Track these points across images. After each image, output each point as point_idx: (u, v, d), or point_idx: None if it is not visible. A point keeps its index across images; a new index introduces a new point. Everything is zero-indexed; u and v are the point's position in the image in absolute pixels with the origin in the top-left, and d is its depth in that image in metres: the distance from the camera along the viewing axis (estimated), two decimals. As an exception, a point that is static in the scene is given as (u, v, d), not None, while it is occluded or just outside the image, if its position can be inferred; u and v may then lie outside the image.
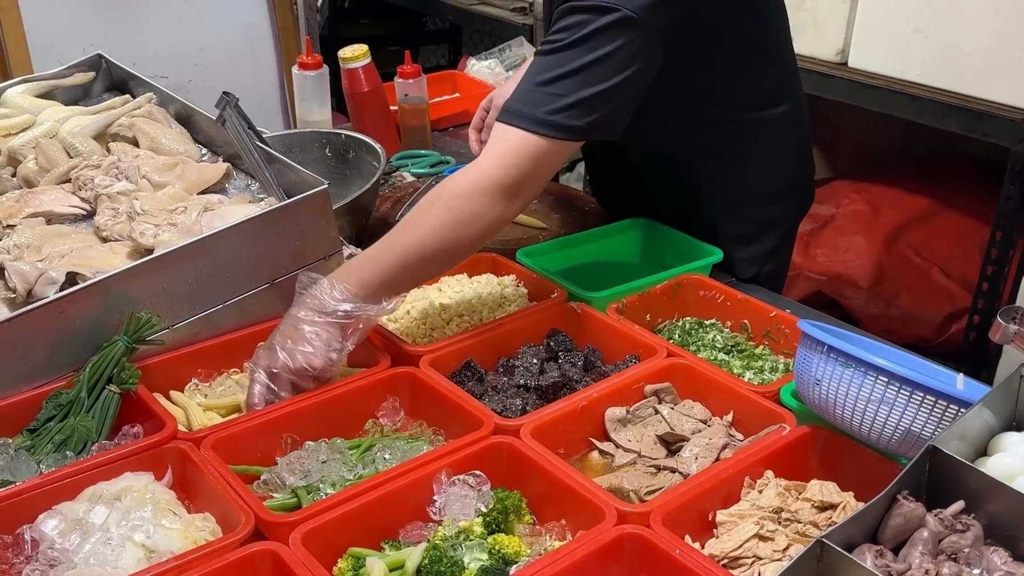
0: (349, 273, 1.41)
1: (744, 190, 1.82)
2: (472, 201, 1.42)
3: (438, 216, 1.43)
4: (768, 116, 1.76)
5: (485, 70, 2.76)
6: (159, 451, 1.24)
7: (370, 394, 1.41)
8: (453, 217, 1.42)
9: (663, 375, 1.42)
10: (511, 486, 1.23)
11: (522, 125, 1.44)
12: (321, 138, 2.06)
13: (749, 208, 1.83)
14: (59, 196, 1.62)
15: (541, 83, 1.45)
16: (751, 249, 1.83)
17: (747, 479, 1.22)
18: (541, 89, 1.45)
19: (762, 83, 1.73)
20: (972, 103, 2.52)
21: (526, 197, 1.48)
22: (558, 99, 1.43)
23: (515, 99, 1.47)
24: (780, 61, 1.78)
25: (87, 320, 1.35)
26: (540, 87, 1.45)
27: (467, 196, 1.43)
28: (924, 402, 1.13)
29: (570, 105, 1.43)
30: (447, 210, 1.43)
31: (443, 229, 1.42)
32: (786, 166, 1.86)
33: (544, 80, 1.45)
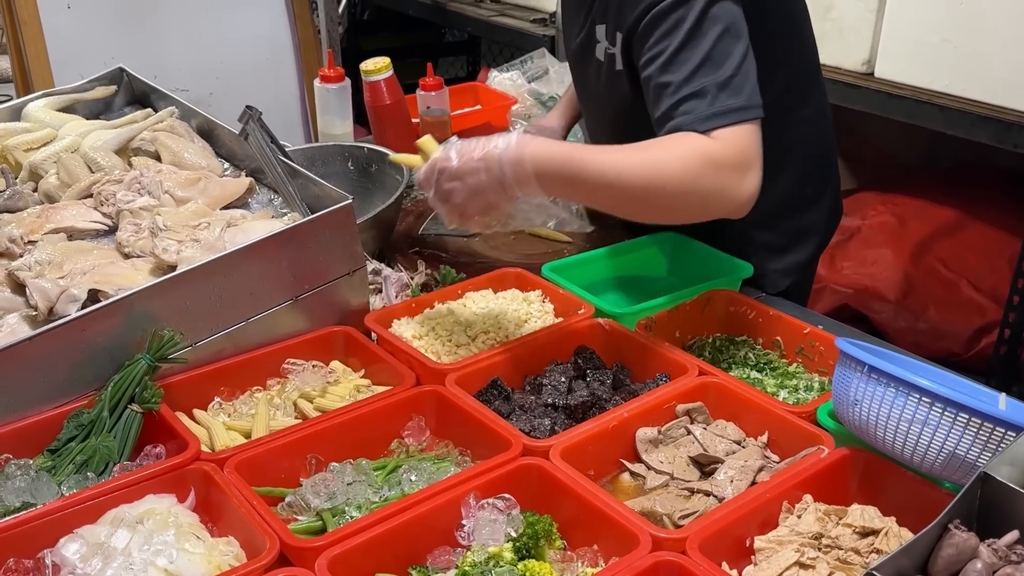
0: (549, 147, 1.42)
1: (776, 198, 1.77)
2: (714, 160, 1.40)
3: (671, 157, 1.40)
4: (790, 118, 1.73)
5: (507, 82, 2.73)
6: (182, 472, 1.22)
7: (395, 413, 1.38)
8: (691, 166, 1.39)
9: (695, 394, 1.39)
10: (541, 509, 1.20)
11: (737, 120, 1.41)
12: (343, 152, 2.04)
13: (784, 217, 1.80)
14: (81, 211, 1.61)
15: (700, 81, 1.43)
16: (784, 260, 1.81)
17: (785, 503, 1.18)
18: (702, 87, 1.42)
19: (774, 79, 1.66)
20: (1003, 114, 2.48)
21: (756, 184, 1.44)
22: (705, 96, 1.42)
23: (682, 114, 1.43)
24: (792, 60, 1.75)
25: (109, 338, 1.33)
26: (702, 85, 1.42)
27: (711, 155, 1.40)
28: (969, 424, 1.09)
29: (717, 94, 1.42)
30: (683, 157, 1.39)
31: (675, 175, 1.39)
32: (813, 172, 1.84)
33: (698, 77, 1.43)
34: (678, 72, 1.44)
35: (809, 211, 1.85)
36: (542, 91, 2.74)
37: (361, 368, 1.52)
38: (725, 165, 1.40)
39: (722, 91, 1.42)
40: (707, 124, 1.41)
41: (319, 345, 1.53)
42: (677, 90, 1.44)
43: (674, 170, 1.39)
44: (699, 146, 1.40)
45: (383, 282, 1.72)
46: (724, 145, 1.40)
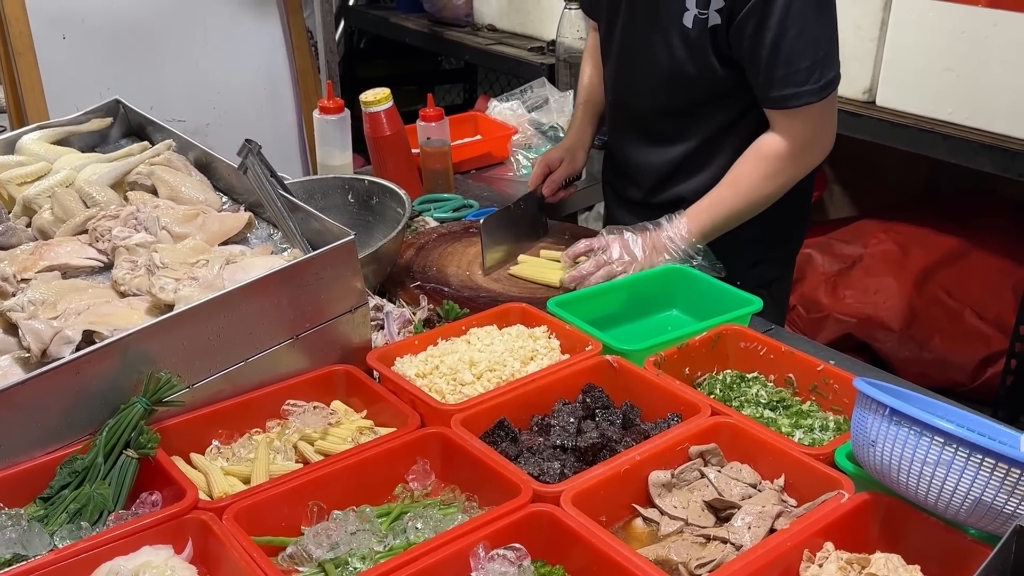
0: (696, 216, 1.86)
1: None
2: (784, 162, 1.83)
3: (756, 176, 1.85)
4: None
5: (507, 111, 2.71)
6: (179, 522, 1.18)
7: (399, 456, 1.34)
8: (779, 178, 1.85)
9: (708, 435, 1.35)
10: (552, 559, 1.16)
11: (805, 102, 1.77)
12: (344, 184, 2.00)
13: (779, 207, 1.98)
14: (75, 248, 1.57)
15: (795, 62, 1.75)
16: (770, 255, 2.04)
17: (806, 552, 1.14)
18: (798, 67, 1.75)
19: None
20: (1005, 142, 2.46)
21: (827, 147, 1.89)
22: (814, 68, 1.75)
23: (782, 86, 1.77)
24: None
25: (104, 381, 1.29)
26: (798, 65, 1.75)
27: (781, 158, 1.83)
28: (995, 468, 1.06)
29: (825, 65, 1.77)
30: (764, 172, 1.84)
31: (767, 188, 1.86)
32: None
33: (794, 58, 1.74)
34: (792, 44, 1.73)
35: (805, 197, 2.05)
36: (542, 120, 2.73)
37: (363, 408, 1.48)
38: (797, 154, 1.84)
39: (824, 62, 1.77)
40: (815, 97, 1.77)
41: (320, 385, 1.49)
42: (792, 61, 1.74)
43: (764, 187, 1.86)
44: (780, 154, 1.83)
45: (385, 318, 1.68)
46: (803, 142, 1.83)
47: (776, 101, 1.79)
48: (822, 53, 1.76)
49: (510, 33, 3.73)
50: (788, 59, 1.74)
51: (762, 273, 2.01)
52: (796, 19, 1.72)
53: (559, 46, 3.01)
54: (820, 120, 1.83)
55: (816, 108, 1.78)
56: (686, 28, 1.82)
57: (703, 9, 1.79)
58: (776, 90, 1.78)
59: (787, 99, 1.78)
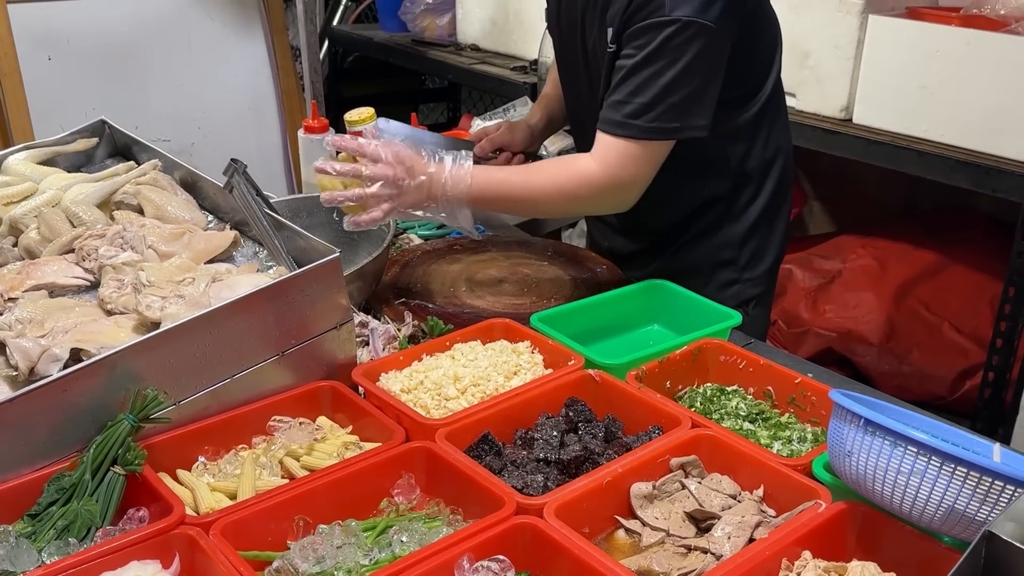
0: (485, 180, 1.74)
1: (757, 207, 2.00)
2: (584, 187, 1.75)
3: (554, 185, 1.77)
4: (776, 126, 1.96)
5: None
6: (167, 538, 1.18)
7: (384, 471, 1.35)
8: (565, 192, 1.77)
9: (689, 447, 1.37)
10: (536, 570, 1.18)
11: (625, 134, 1.71)
12: (328, 202, 2.02)
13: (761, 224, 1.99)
14: (62, 267, 1.58)
15: (635, 96, 1.70)
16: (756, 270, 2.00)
17: (784, 561, 1.16)
18: (636, 102, 1.70)
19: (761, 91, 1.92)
20: (981, 159, 2.51)
21: (636, 193, 1.79)
22: (653, 108, 1.69)
23: (614, 112, 1.72)
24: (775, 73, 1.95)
25: (91, 398, 1.30)
26: (635, 100, 1.70)
27: (584, 186, 1.75)
28: (967, 477, 1.08)
29: (664, 112, 1.69)
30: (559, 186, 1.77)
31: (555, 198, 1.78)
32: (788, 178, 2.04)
33: (637, 93, 1.69)
34: (628, 78, 1.70)
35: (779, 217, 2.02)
36: (525, 139, 2.75)
37: (349, 424, 1.49)
38: (602, 188, 1.75)
39: (668, 110, 1.69)
40: (615, 130, 1.72)
41: (305, 401, 1.50)
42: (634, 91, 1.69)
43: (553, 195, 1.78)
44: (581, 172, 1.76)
45: (370, 335, 1.70)
46: (605, 169, 1.73)
47: (604, 121, 1.73)
48: (672, 101, 1.68)
49: (493, 53, 3.77)
50: (636, 89, 1.69)
51: (738, 293, 2.01)
52: (665, 59, 1.66)
53: (541, 65, 3.05)
54: (635, 162, 1.73)
55: (634, 147, 1.71)
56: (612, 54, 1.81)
57: (611, 44, 1.78)
58: (609, 112, 1.72)
59: (613, 124, 1.71)
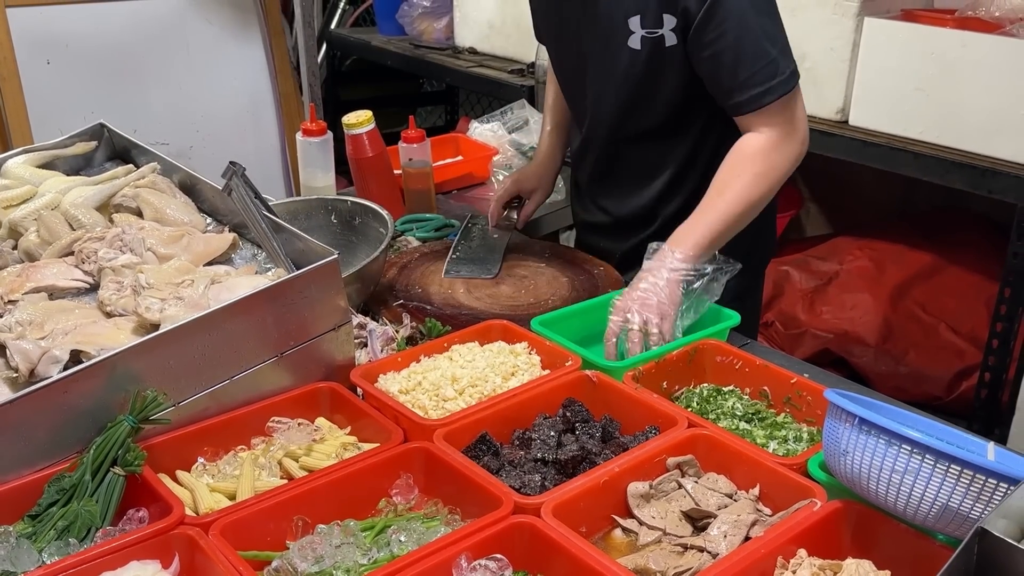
0: (684, 238, 1.75)
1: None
2: (770, 157, 1.79)
3: (745, 176, 1.78)
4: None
5: (488, 133, 2.75)
6: (166, 538, 1.19)
7: (383, 471, 1.36)
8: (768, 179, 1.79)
9: (685, 447, 1.38)
10: (533, 569, 1.18)
11: (774, 98, 1.77)
12: (327, 205, 2.03)
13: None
14: (61, 270, 1.59)
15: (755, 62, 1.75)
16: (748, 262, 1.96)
17: (780, 559, 1.17)
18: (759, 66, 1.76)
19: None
20: (977, 160, 2.52)
21: (805, 137, 1.84)
22: (775, 62, 1.76)
23: (749, 87, 1.77)
24: None
25: (91, 400, 1.31)
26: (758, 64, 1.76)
27: (765, 153, 1.79)
28: (961, 476, 1.09)
29: (782, 59, 1.77)
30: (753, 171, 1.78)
31: (761, 189, 1.79)
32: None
33: (756, 58, 1.75)
34: (756, 39, 1.75)
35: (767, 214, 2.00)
36: (522, 141, 2.77)
37: (347, 425, 1.50)
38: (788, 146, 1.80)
39: (785, 57, 1.78)
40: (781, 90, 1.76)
41: (304, 402, 1.51)
42: (757, 59, 1.75)
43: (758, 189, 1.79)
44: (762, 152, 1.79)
45: (368, 336, 1.71)
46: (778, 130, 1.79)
47: (749, 103, 1.78)
48: (779, 47, 1.78)
49: (491, 56, 3.78)
50: (754, 57, 1.75)
51: (731, 287, 2.00)
52: (750, 18, 1.74)
53: (538, 68, 3.06)
54: (794, 110, 1.81)
55: (787, 99, 1.79)
56: (634, 51, 1.84)
57: (653, 29, 1.80)
58: (747, 91, 1.77)
59: (760, 97, 1.77)
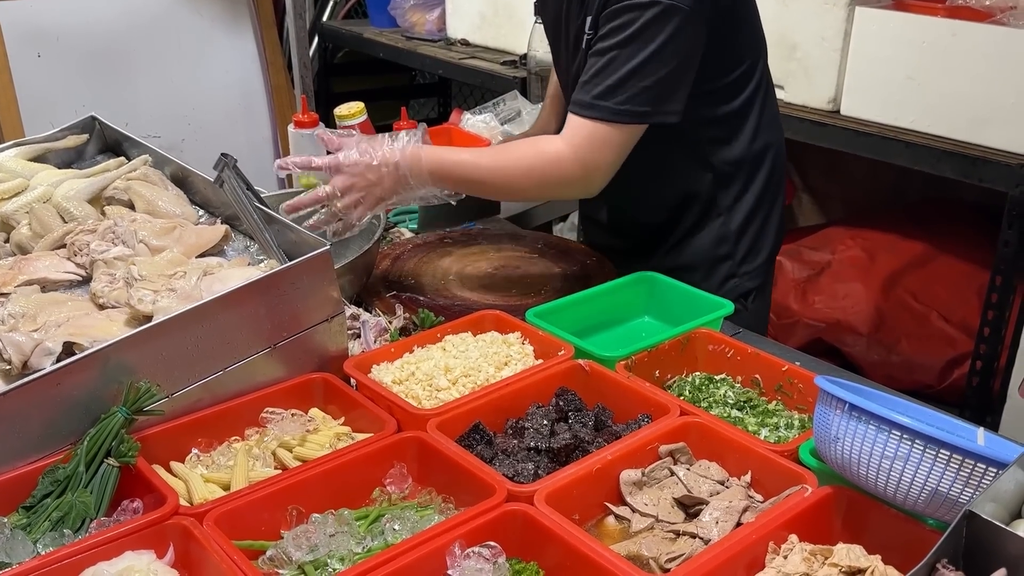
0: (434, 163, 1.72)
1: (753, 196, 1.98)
2: (553, 168, 1.72)
3: (524, 166, 1.73)
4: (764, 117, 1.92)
5: (480, 124, 2.74)
6: (161, 528, 1.20)
7: (376, 461, 1.36)
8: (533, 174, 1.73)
9: (677, 435, 1.39)
10: (527, 556, 1.19)
11: (595, 116, 1.68)
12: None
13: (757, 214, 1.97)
14: (54, 262, 1.59)
15: (607, 77, 1.67)
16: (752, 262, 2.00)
17: (771, 544, 1.18)
18: (607, 83, 1.67)
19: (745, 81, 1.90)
20: (967, 149, 2.53)
21: (603, 177, 1.74)
22: (624, 90, 1.65)
23: (585, 93, 1.69)
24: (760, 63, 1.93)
25: (85, 391, 1.31)
26: (607, 81, 1.67)
27: (552, 167, 1.72)
28: (950, 461, 1.10)
29: (635, 95, 1.66)
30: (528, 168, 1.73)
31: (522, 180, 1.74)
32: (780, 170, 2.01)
33: (609, 74, 1.66)
34: (616, 58, 1.66)
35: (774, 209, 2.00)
36: (515, 132, 2.76)
37: (341, 415, 1.51)
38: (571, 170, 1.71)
39: (638, 97, 1.66)
40: (585, 111, 1.68)
41: (298, 393, 1.51)
42: (605, 72, 1.66)
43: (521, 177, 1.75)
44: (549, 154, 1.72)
45: (361, 327, 1.71)
46: (575, 151, 1.70)
47: (575, 103, 1.71)
48: (644, 84, 1.66)
49: (483, 47, 3.78)
50: (606, 70, 1.67)
51: (736, 287, 2.01)
52: (638, 41, 1.64)
53: (530, 59, 3.06)
54: (604, 145, 1.69)
55: (604, 129, 1.68)
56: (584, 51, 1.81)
57: (591, 30, 1.77)
58: (580, 93, 1.70)
59: (584, 106, 1.69)
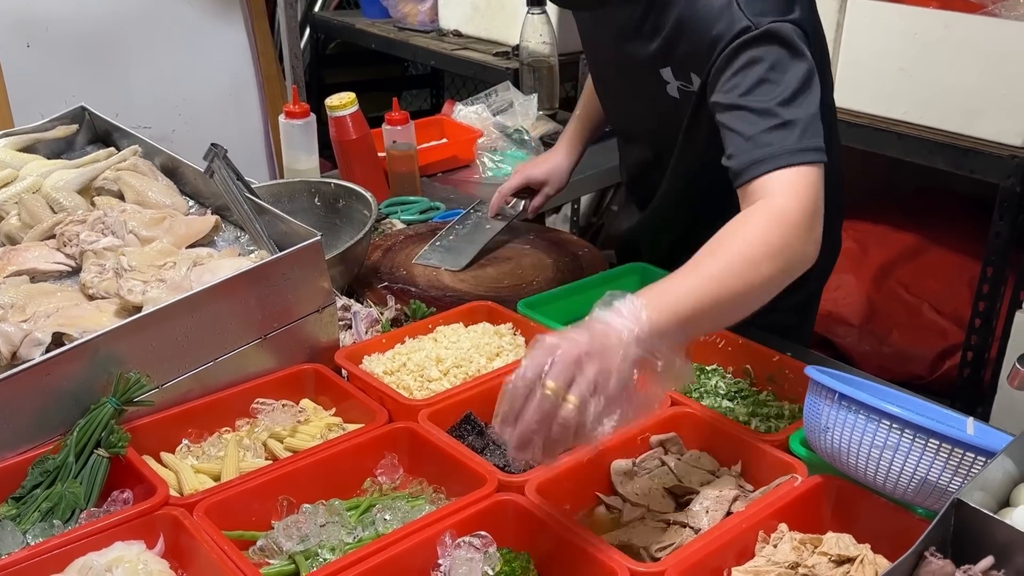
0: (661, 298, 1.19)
1: None
2: (793, 237, 1.29)
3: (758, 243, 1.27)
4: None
5: (472, 115, 2.75)
6: (151, 518, 1.20)
7: (368, 451, 1.36)
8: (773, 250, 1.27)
9: (668, 425, 1.39)
10: (518, 546, 1.19)
11: (807, 160, 1.36)
12: (310, 187, 2.03)
13: None
14: (43, 253, 1.58)
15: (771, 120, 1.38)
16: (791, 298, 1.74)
17: (761, 533, 1.18)
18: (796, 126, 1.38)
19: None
20: (959, 140, 2.53)
21: (819, 227, 1.35)
22: (795, 128, 1.38)
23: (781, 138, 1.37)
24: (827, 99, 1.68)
25: (74, 382, 1.30)
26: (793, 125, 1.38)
27: (789, 230, 1.30)
28: (939, 450, 1.10)
29: (805, 129, 1.38)
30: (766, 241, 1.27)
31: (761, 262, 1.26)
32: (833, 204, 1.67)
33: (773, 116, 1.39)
34: (763, 101, 1.39)
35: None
36: (507, 124, 2.76)
37: (332, 406, 1.50)
38: (797, 227, 1.31)
39: (808, 127, 1.38)
40: (792, 159, 1.35)
41: (289, 384, 1.51)
42: (762, 119, 1.38)
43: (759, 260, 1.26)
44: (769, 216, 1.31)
45: (353, 318, 1.71)
46: (793, 202, 1.33)
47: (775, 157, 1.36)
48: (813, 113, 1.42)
49: (475, 38, 3.76)
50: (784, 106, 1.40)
51: (774, 322, 1.69)
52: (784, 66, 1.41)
53: (523, 50, 3.05)
54: (819, 189, 1.37)
55: (814, 173, 1.37)
56: (675, 99, 1.64)
57: (685, 83, 1.60)
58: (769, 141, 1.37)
59: (792, 153, 1.36)
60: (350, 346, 1.61)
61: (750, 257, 1.25)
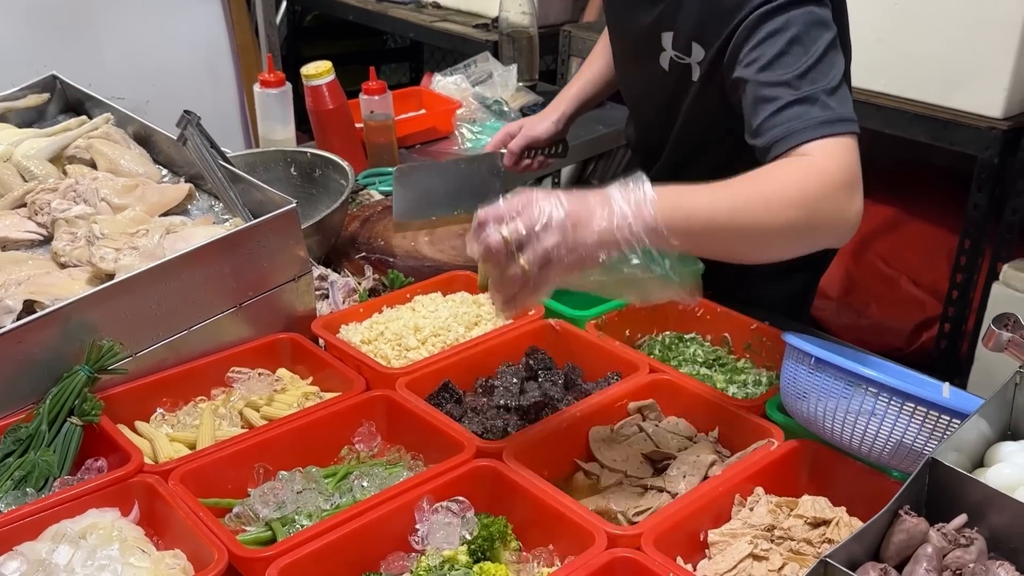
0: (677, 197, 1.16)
1: None
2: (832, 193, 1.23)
3: (793, 190, 1.21)
4: None
5: (451, 86, 2.72)
6: (125, 485, 1.19)
7: (345, 419, 1.36)
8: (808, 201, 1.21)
9: (646, 392, 1.39)
10: (496, 511, 1.19)
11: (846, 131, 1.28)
12: (285, 157, 2.01)
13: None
14: (14, 222, 1.56)
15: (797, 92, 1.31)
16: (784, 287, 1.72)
17: (737, 497, 1.19)
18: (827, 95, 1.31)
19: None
20: (938, 112, 2.54)
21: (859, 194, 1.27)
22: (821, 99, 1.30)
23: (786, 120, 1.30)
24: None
25: (46, 350, 1.29)
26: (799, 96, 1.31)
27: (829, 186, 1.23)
28: (915, 413, 1.11)
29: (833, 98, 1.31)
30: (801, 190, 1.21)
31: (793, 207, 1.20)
32: None
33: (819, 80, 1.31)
34: (784, 74, 1.32)
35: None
36: (486, 95, 2.74)
37: (309, 375, 1.49)
38: (838, 186, 1.24)
39: (831, 97, 1.30)
40: (820, 131, 1.27)
41: (265, 353, 1.50)
42: (785, 93, 1.31)
43: (792, 204, 1.20)
44: (810, 168, 1.25)
45: (330, 287, 1.70)
46: (833, 163, 1.26)
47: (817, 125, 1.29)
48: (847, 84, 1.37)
49: (454, 10, 3.73)
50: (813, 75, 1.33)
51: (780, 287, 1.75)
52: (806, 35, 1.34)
53: (502, 22, 3.03)
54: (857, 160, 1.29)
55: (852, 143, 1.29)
56: (663, 70, 1.60)
57: (682, 54, 1.55)
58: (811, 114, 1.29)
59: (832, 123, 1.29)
60: (327, 315, 1.59)
61: (783, 196, 1.21)
